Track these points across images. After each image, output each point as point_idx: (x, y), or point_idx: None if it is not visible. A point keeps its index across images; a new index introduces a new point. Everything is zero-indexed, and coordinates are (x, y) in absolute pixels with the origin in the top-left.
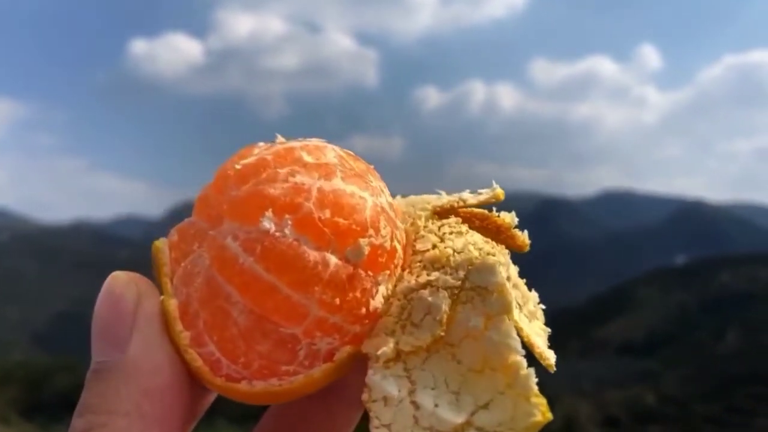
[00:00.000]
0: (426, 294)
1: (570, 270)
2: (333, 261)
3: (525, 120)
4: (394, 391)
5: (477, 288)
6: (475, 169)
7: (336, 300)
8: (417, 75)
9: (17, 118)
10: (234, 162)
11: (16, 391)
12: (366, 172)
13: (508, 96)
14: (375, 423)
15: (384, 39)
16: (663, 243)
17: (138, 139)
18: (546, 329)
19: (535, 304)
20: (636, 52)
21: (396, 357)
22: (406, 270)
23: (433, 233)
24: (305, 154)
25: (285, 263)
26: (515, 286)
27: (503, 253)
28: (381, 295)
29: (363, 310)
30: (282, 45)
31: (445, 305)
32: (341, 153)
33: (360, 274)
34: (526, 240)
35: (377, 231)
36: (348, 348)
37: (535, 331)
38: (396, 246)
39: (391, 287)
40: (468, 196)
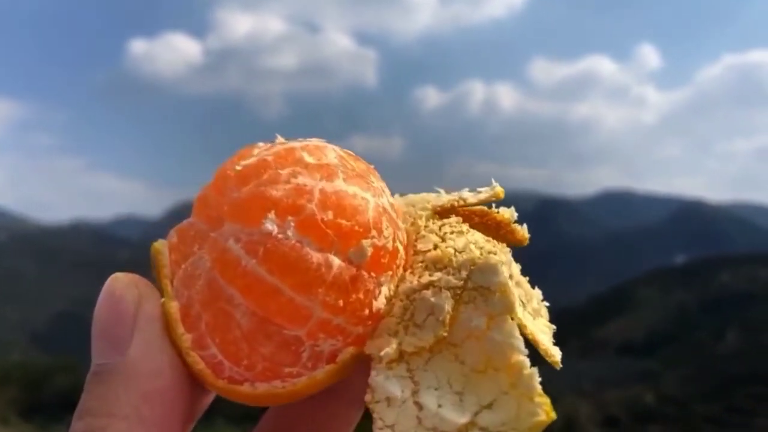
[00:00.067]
0: (429, 294)
1: (570, 270)
2: (336, 263)
3: (524, 120)
4: (397, 392)
5: (479, 288)
6: (475, 169)
7: (339, 302)
8: (416, 75)
9: (16, 118)
10: (234, 163)
11: (15, 392)
12: (367, 172)
13: (507, 96)
14: (378, 424)
15: (383, 39)
16: (663, 243)
17: (137, 139)
18: (551, 326)
19: (539, 301)
20: (635, 51)
21: (399, 358)
22: (407, 270)
23: (434, 233)
24: (306, 154)
25: (288, 265)
26: (518, 283)
27: (504, 251)
28: (383, 296)
29: (366, 311)
30: (281, 45)
31: (448, 306)
32: (341, 153)
33: (363, 275)
34: (525, 234)
35: (380, 232)
36: (351, 349)
37: (540, 328)
38: (398, 247)
39: (394, 288)
40: (468, 194)
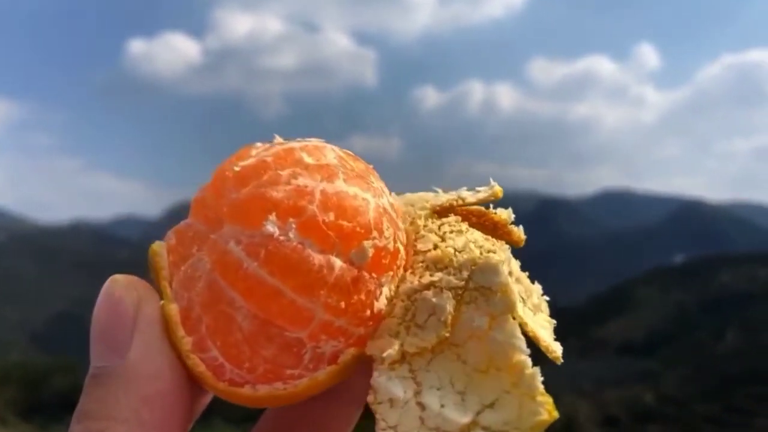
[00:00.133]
0: (430, 295)
1: (569, 269)
2: (338, 264)
3: (524, 120)
4: (399, 393)
5: (481, 288)
6: (474, 169)
7: (341, 303)
8: (416, 75)
9: (15, 118)
10: (232, 163)
11: (14, 392)
12: (366, 172)
13: (506, 96)
14: (381, 425)
15: (383, 39)
16: (662, 242)
17: (136, 139)
18: (551, 321)
19: (539, 296)
20: (634, 51)
21: (401, 358)
22: (408, 270)
23: (434, 233)
24: (305, 155)
25: (290, 267)
26: (518, 280)
27: (504, 249)
28: (384, 297)
29: (367, 312)
30: (280, 45)
31: (450, 306)
32: (341, 153)
33: (364, 276)
34: (521, 235)
35: (381, 233)
36: (352, 350)
37: (540, 324)
38: (399, 247)
39: (394, 288)
40: (466, 194)
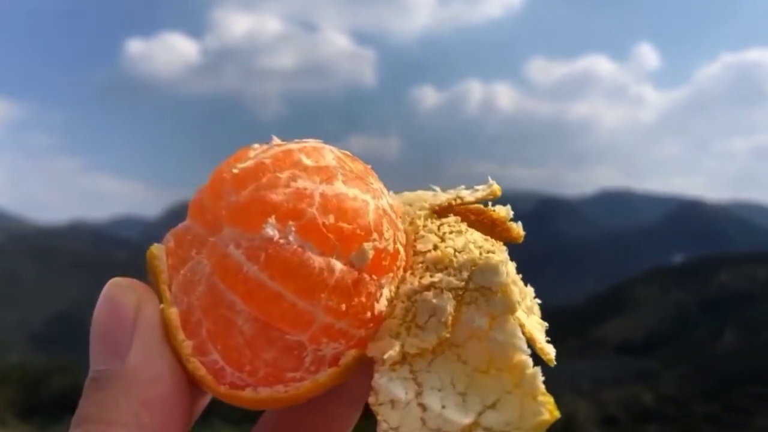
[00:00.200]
0: (430, 296)
1: (568, 269)
2: (338, 267)
3: (523, 119)
4: (401, 394)
5: (481, 288)
6: (473, 169)
7: (342, 306)
8: (414, 74)
9: (13, 118)
10: (230, 165)
11: (13, 393)
12: (365, 173)
13: (505, 95)
14: (383, 426)
15: (381, 38)
16: (661, 242)
17: (135, 139)
18: (543, 323)
19: (531, 298)
20: (633, 50)
21: (402, 360)
22: (408, 271)
23: (433, 233)
24: (304, 156)
25: (290, 271)
26: (513, 282)
27: (501, 250)
28: (385, 298)
29: (368, 314)
30: (279, 45)
31: (450, 307)
32: (339, 154)
33: (365, 278)
34: (520, 231)
35: (380, 234)
36: (353, 352)
37: (534, 326)
38: (399, 248)
39: (394, 289)
40: (465, 193)
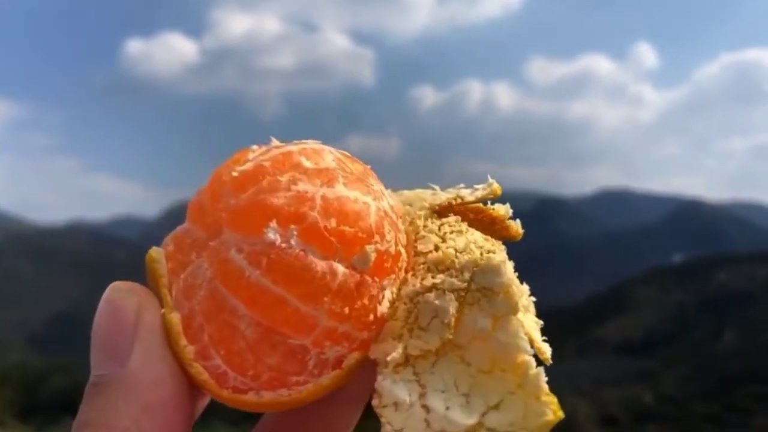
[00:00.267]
0: (432, 297)
1: (568, 269)
2: (341, 270)
3: (522, 119)
4: (404, 396)
5: (483, 289)
6: (473, 169)
7: (345, 309)
8: (414, 74)
9: (12, 118)
10: (229, 168)
11: (12, 393)
12: (365, 174)
13: (504, 95)
14: (387, 429)
15: (380, 38)
16: (661, 242)
17: (134, 139)
18: (538, 321)
19: (527, 297)
20: (632, 50)
21: (405, 361)
22: (409, 272)
23: (434, 233)
24: (304, 158)
25: (293, 275)
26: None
27: (501, 249)
28: (387, 300)
29: (371, 317)
30: (278, 45)
31: (452, 308)
32: (338, 155)
33: (367, 281)
34: (519, 229)
35: (382, 236)
36: (356, 354)
37: (531, 325)
38: (400, 250)
39: (396, 291)
40: (465, 192)
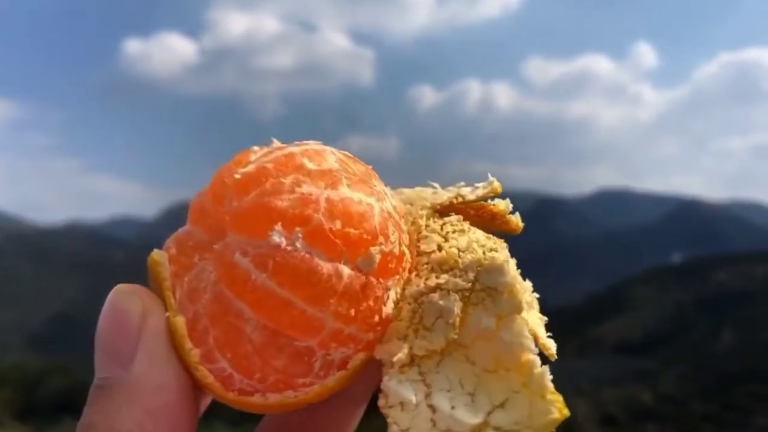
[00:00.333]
0: (437, 297)
1: (567, 269)
2: (346, 272)
3: (521, 119)
4: (410, 396)
5: (487, 289)
6: (472, 168)
7: (351, 311)
8: (413, 74)
9: (11, 118)
10: (231, 170)
11: (11, 393)
12: (368, 175)
13: (503, 95)
14: (393, 429)
15: (379, 38)
16: (660, 242)
17: (133, 140)
18: (542, 317)
19: (530, 293)
20: (631, 50)
21: (410, 362)
22: (413, 273)
23: (436, 233)
24: (306, 160)
25: (299, 278)
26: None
27: (503, 247)
28: (391, 301)
29: (376, 318)
30: (277, 44)
31: (457, 308)
32: (341, 156)
33: (372, 282)
34: (519, 223)
35: (386, 238)
36: (361, 355)
37: (535, 321)
38: (404, 250)
39: (400, 291)
40: (466, 191)
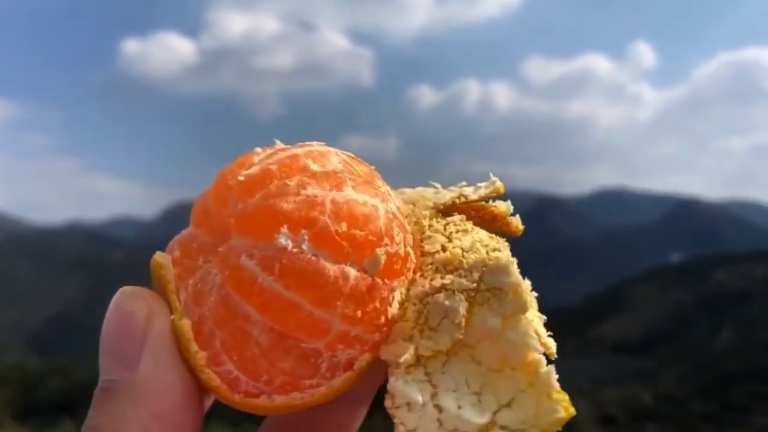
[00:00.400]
0: (442, 298)
1: (566, 269)
2: (352, 274)
3: (520, 118)
4: (417, 396)
5: (492, 289)
6: (471, 168)
7: (357, 313)
8: (412, 74)
9: (10, 118)
10: (234, 171)
11: (9, 394)
12: (372, 176)
13: (503, 94)
14: (400, 429)
15: (379, 38)
16: (659, 241)
17: (132, 140)
18: (541, 316)
19: (529, 291)
20: (630, 49)
21: (416, 362)
22: (417, 273)
23: (440, 233)
24: (311, 161)
25: (306, 280)
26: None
27: (505, 247)
28: (396, 301)
29: (382, 319)
30: (276, 44)
31: (463, 309)
32: (344, 157)
33: (378, 283)
34: (519, 225)
35: (392, 239)
36: (367, 356)
37: (534, 320)
38: (409, 251)
39: (405, 291)
40: (468, 191)
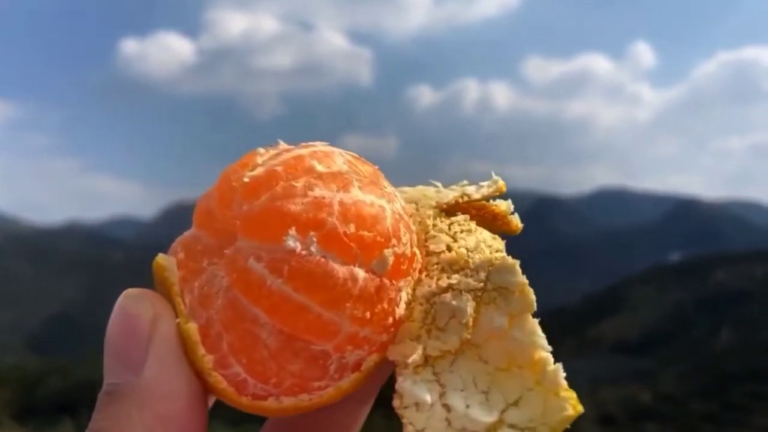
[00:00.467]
0: (449, 298)
1: (565, 268)
2: (361, 275)
3: (519, 118)
4: (425, 396)
5: (499, 288)
6: (470, 168)
7: (366, 314)
8: (411, 74)
9: (9, 118)
10: (238, 172)
11: (9, 394)
12: (376, 176)
13: (502, 94)
14: (409, 429)
15: (378, 38)
16: (658, 241)
17: (131, 140)
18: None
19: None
20: (630, 49)
21: (424, 362)
22: (423, 273)
23: (444, 232)
24: (316, 162)
25: (315, 282)
26: None
27: (503, 247)
28: (403, 302)
29: (390, 319)
30: (275, 44)
31: (470, 308)
32: (349, 157)
33: (386, 284)
34: (518, 224)
35: (399, 239)
36: (374, 356)
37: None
38: (415, 251)
39: (411, 292)
40: (471, 190)
